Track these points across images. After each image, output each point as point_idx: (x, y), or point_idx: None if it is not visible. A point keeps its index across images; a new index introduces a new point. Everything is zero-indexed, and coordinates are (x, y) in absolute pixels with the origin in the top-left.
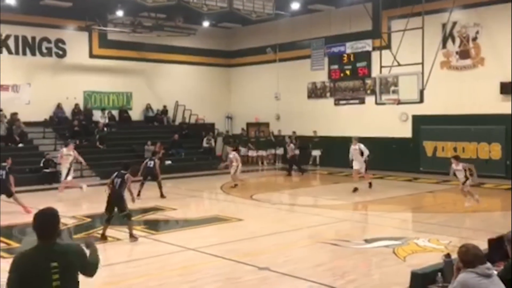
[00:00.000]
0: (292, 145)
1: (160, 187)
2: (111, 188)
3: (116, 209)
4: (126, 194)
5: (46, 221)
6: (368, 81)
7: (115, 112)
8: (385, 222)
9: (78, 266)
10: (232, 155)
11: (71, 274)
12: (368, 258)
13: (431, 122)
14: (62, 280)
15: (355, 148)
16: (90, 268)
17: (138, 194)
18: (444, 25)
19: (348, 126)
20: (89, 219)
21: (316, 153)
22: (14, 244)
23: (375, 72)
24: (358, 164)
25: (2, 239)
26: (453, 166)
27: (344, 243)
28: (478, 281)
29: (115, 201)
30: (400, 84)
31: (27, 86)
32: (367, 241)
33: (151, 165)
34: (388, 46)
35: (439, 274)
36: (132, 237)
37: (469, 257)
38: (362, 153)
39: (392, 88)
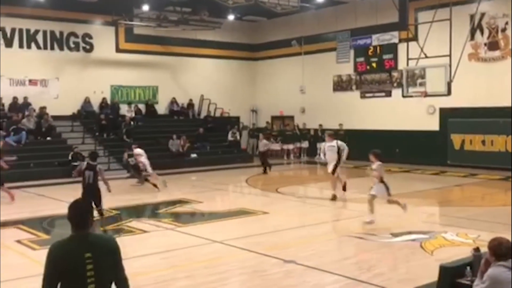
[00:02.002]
0: (264, 141)
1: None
2: (83, 183)
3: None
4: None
5: (81, 211)
6: (395, 74)
7: (141, 106)
8: (412, 216)
9: (110, 259)
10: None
11: (104, 264)
12: (394, 252)
13: (458, 114)
14: (96, 271)
15: (331, 145)
16: (122, 271)
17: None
18: (472, 16)
19: (374, 119)
20: (116, 211)
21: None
22: (44, 236)
23: (401, 65)
24: (332, 164)
25: (32, 231)
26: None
27: (370, 237)
28: (509, 275)
29: (91, 195)
30: (428, 76)
31: (55, 81)
32: (393, 234)
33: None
34: (415, 38)
35: (468, 268)
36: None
37: (502, 251)
38: (338, 152)
39: (419, 80)
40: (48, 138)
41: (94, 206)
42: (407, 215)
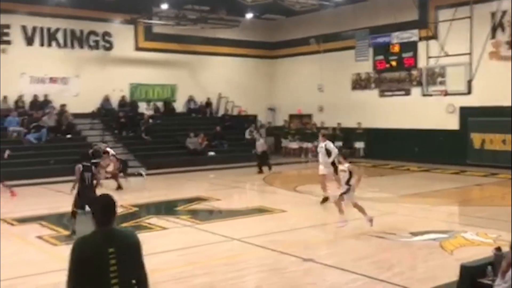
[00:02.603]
0: (262, 140)
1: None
2: (83, 184)
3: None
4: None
5: (106, 206)
6: (414, 72)
7: (160, 104)
8: (432, 215)
9: (133, 254)
10: None
11: (127, 260)
12: (414, 251)
13: (479, 113)
14: (119, 265)
15: (320, 146)
16: (143, 267)
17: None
18: (493, 14)
19: (393, 118)
20: (136, 208)
21: (359, 145)
22: (64, 232)
23: (421, 63)
24: (323, 168)
25: (52, 226)
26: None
27: (389, 236)
28: None
29: (89, 195)
30: (448, 75)
31: (75, 79)
32: (413, 234)
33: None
34: (435, 36)
35: (489, 267)
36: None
37: None
38: (328, 154)
39: (439, 79)
40: (68, 136)
41: (83, 208)
42: (426, 214)
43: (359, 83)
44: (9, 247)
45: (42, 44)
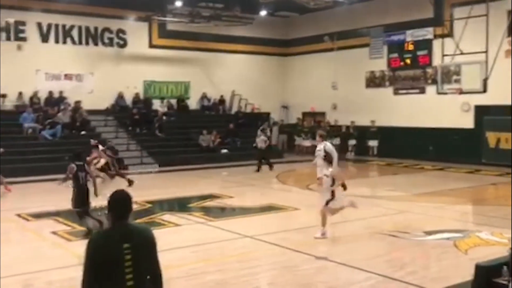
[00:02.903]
0: (262, 137)
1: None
2: (77, 184)
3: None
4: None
5: (122, 202)
6: (429, 70)
7: (173, 101)
8: (446, 214)
9: (148, 250)
10: None
11: (142, 255)
12: (428, 250)
13: (494, 112)
14: (134, 261)
15: (318, 149)
16: (158, 264)
17: None
18: (509, 12)
19: (408, 116)
20: (150, 205)
21: (373, 143)
22: (79, 228)
23: (436, 61)
24: (319, 170)
25: (67, 222)
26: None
27: (403, 235)
28: None
29: (84, 195)
30: (463, 73)
31: (90, 76)
32: (427, 233)
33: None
34: (450, 34)
35: (505, 267)
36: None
37: None
38: (328, 158)
39: (454, 77)
40: (83, 132)
41: (79, 207)
42: (440, 213)
43: (373, 81)
44: (24, 242)
45: (57, 41)
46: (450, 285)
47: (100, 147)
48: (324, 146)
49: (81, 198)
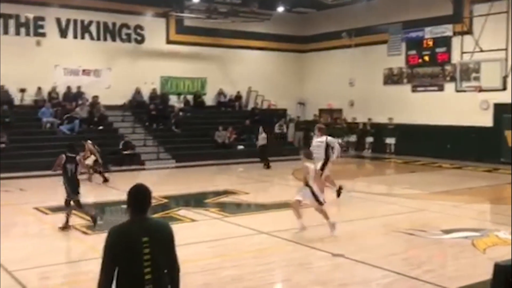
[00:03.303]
0: (264, 134)
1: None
2: (66, 177)
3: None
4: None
5: (142, 196)
6: (448, 68)
7: (190, 97)
8: (463, 213)
9: (166, 244)
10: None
11: (160, 249)
12: (445, 249)
13: None
14: (152, 255)
15: (319, 140)
16: (176, 259)
17: None
18: None
19: (426, 113)
20: (166, 200)
21: (390, 141)
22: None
23: (455, 58)
24: (320, 164)
25: (84, 216)
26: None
27: (420, 233)
28: None
29: (73, 187)
30: (482, 70)
31: (107, 71)
32: (444, 231)
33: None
34: (469, 31)
35: None
36: (65, 227)
37: None
38: (327, 149)
39: (473, 75)
40: (100, 127)
41: (71, 198)
42: (457, 212)
43: (391, 78)
44: (42, 236)
45: (75, 37)
46: (467, 284)
47: (88, 143)
48: (327, 139)
49: (70, 188)
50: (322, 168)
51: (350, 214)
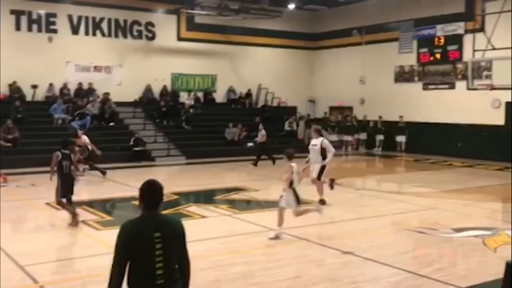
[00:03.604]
0: (263, 131)
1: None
2: (61, 173)
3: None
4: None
5: (154, 192)
6: (459, 66)
7: (200, 94)
8: (475, 211)
9: (177, 240)
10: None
11: (172, 245)
12: (455, 248)
13: None
14: (164, 250)
15: (313, 143)
16: (186, 255)
17: None
18: None
19: (437, 111)
20: (176, 196)
21: (401, 139)
22: (107, 217)
23: (467, 56)
24: (316, 168)
25: (96, 212)
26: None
27: (430, 231)
28: None
29: (69, 184)
30: (494, 68)
31: (118, 68)
32: (455, 230)
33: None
34: (482, 29)
35: None
36: (74, 222)
37: None
38: (323, 154)
39: (485, 73)
40: (111, 124)
41: (65, 196)
42: (468, 211)
43: (402, 76)
44: (54, 231)
45: (87, 33)
46: (478, 283)
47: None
48: (322, 141)
49: (64, 188)
50: (319, 177)
51: (360, 212)
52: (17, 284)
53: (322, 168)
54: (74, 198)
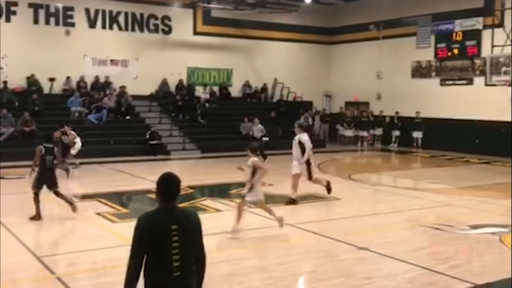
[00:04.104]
0: (260, 125)
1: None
2: (43, 166)
3: (45, 186)
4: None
5: (172, 184)
6: (478, 61)
7: (216, 88)
8: (491, 208)
9: (194, 233)
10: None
11: (189, 238)
12: (471, 245)
13: None
14: (181, 242)
15: (295, 139)
16: (202, 248)
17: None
18: None
19: (454, 107)
20: (191, 190)
21: (417, 134)
22: (122, 210)
23: (485, 52)
24: (297, 165)
25: (111, 204)
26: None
27: (446, 228)
28: None
29: (49, 178)
30: None
31: (135, 61)
32: (471, 227)
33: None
34: (501, 24)
35: None
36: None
37: None
38: (302, 149)
39: (504, 68)
40: (127, 117)
41: (49, 188)
42: (485, 208)
43: (420, 71)
44: (69, 223)
45: (104, 27)
46: (494, 280)
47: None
48: (300, 136)
49: (40, 180)
50: (310, 177)
51: (376, 208)
52: (33, 274)
53: (308, 167)
54: (89, 190)
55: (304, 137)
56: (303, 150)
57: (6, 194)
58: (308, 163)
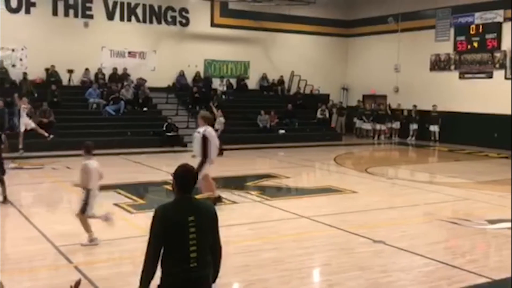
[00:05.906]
0: (222, 118)
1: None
2: None
3: None
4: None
5: (188, 176)
6: (498, 54)
7: (233, 81)
8: (510, 203)
9: (210, 224)
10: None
11: (205, 229)
12: (489, 239)
13: None
14: (198, 234)
15: (197, 131)
16: (218, 239)
17: None
18: None
19: (473, 101)
20: None
21: (434, 128)
22: (139, 201)
23: (505, 45)
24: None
25: (129, 195)
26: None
27: (464, 222)
28: None
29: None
30: None
31: (152, 53)
32: (489, 221)
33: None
34: None
35: None
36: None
37: None
38: (204, 144)
39: None
40: (145, 109)
41: None
42: (503, 202)
43: (438, 64)
44: None
45: (122, 19)
46: (511, 275)
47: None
48: (205, 130)
49: None
50: (198, 170)
51: (392, 201)
52: (51, 263)
53: (203, 161)
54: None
55: (210, 132)
56: (205, 146)
57: (25, 184)
58: (203, 161)
